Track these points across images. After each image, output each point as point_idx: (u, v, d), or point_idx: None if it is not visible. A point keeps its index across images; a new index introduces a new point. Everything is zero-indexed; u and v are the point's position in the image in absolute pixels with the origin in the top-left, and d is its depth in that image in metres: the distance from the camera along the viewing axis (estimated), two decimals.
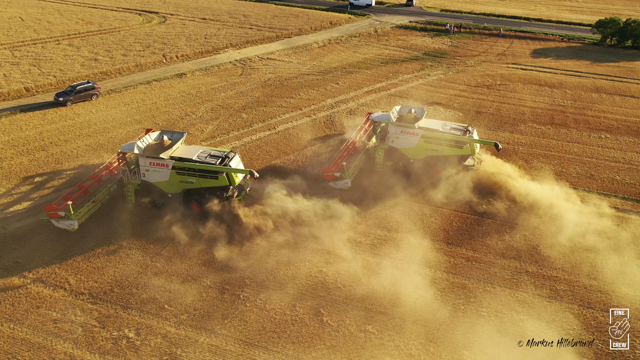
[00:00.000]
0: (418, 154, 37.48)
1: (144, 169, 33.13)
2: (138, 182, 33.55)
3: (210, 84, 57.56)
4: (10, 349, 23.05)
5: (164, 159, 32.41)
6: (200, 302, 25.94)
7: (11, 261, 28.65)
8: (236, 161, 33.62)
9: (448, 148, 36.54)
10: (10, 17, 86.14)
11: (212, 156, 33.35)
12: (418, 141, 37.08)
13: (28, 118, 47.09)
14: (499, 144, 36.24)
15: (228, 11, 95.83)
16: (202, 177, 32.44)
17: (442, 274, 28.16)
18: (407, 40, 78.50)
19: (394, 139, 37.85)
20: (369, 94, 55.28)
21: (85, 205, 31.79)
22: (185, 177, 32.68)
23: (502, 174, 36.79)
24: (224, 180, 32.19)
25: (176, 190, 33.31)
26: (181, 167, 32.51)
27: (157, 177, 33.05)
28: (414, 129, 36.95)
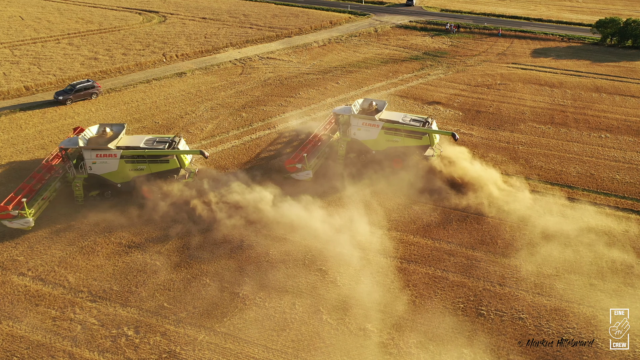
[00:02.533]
0: (379, 145, 38.36)
1: (90, 162, 33.34)
2: (85, 176, 33.64)
3: (210, 83, 57.51)
4: (9, 346, 23.02)
5: (111, 149, 32.90)
6: (199, 300, 25.89)
7: (9, 259, 28.62)
8: (182, 144, 35.08)
9: (407, 139, 37.56)
10: (10, 16, 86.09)
11: (159, 142, 34.63)
12: (379, 133, 37.95)
13: (28, 117, 47.06)
14: (456, 134, 37.29)
15: (228, 10, 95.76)
16: (153, 163, 33.57)
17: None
18: (407, 40, 78.47)
19: (356, 131, 38.67)
20: (368, 93, 55.23)
21: (36, 203, 31.51)
22: (135, 164, 33.48)
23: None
24: (174, 163, 33.90)
25: (126, 179, 33.93)
26: (130, 155, 33.30)
27: (105, 168, 33.44)
28: (375, 121, 37.81)
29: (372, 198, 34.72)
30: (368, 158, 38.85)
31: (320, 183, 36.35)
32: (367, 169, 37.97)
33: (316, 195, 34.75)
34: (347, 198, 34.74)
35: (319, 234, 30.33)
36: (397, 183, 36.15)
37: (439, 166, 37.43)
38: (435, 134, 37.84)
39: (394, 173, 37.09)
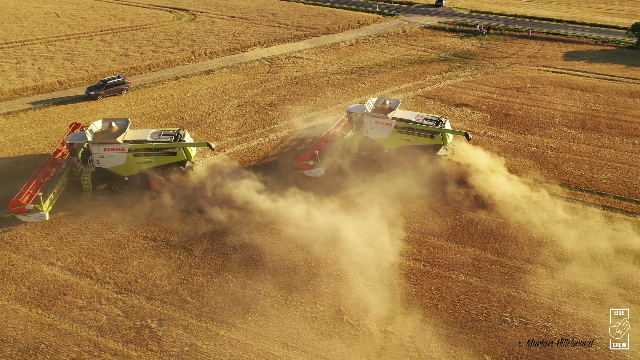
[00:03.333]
0: (392, 144, 38.41)
1: (97, 155, 33.86)
2: (92, 170, 34.12)
3: (237, 81, 58.02)
4: (38, 333, 23.63)
5: (120, 143, 33.48)
6: (221, 295, 26.13)
7: (40, 249, 29.39)
8: (188, 137, 35.95)
9: (420, 138, 37.64)
10: (46, 13, 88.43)
11: (165, 135, 35.48)
12: (391, 131, 37.97)
13: (60, 111, 48.27)
14: (469, 133, 37.06)
15: (257, 9, 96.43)
16: (161, 155, 34.25)
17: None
18: (435, 41, 77.72)
19: (369, 129, 38.84)
20: (395, 94, 54.91)
21: (49, 198, 31.94)
22: (142, 157, 34.16)
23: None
24: (181, 156, 34.82)
25: (133, 172, 34.57)
26: (138, 148, 33.94)
27: (113, 162, 34.00)
28: (388, 119, 37.85)
29: (389, 198, 34.45)
30: (380, 156, 38.93)
31: (335, 181, 36.43)
32: (380, 167, 37.93)
33: (332, 194, 34.94)
34: (362, 197, 34.65)
35: (341, 235, 30.23)
36: (415, 183, 35.87)
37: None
38: (448, 134, 37.82)
39: (412, 173, 36.90)
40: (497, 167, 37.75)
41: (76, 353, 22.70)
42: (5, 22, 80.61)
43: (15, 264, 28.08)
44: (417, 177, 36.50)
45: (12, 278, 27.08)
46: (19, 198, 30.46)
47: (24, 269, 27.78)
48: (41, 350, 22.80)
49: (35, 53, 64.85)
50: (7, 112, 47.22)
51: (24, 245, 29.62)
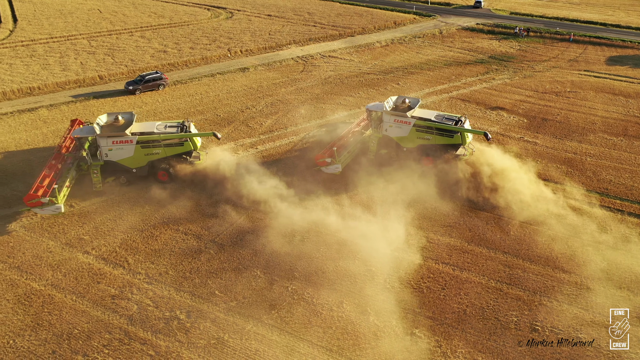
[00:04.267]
0: (410, 142, 38.41)
1: (106, 149, 34.35)
2: (101, 163, 34.61)
3: (272, 79, 58.44)
4: (72, 319, 24.38)
5: (127, 135, 34.06)
6: (249, 290, 26.38)
7: (76, 237, 30.30)
8: (193, 128, 36.66)
9: (439, 137, 37.46)
10: (89, 9, 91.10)
11: (171, 126, 36.14)
12: (410, 130, 37.93)
13: (100, 104, 49.66)
14: (488, 133, 36.53)
15: (293, 8, 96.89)
16: (168, 147, 35.14)
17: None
18: (472, 43, 76.46)
19: (388, 128, 38.81)
20: (430, 95, 54.30)
21: (62, 192, 32.25)
22: (150, 149, 34.77)
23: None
24: (188, 146, 35.52)
25: (141, 164, 35.17)
26: (146, 140, 34.55)
27: (121, 154, 34.57)
28: (407, 118, 37.84)
29: (414, 198, 34.12)
30: (399, 155, 38.89)
31: (355, 180, 36.46)
32: (400, 166, 37.69)
33: (354, 194, 35.00)
34: (385, 197, 34.50)
35: (369, 235, 30.09)
36: (443, 185, 35.43)
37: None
38: (467, 133, 37.50)
39: (437, 174, 36.48)
40: (530, 173, 36.85)
41: (107, 340, 23.31)
42: (52, 18, 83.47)
43: (53, 251, 29.04)
44: (444, 179, 36.05)
45: (50, 264, 28.02)
46: (35, 192, 30.63)
47: (61, 256, 28.70)
48: (74, 335, 23.50)
49: (78, 48, 66.90)
50: (50, 105, 48.89)
51: (61, 234, 30.60)
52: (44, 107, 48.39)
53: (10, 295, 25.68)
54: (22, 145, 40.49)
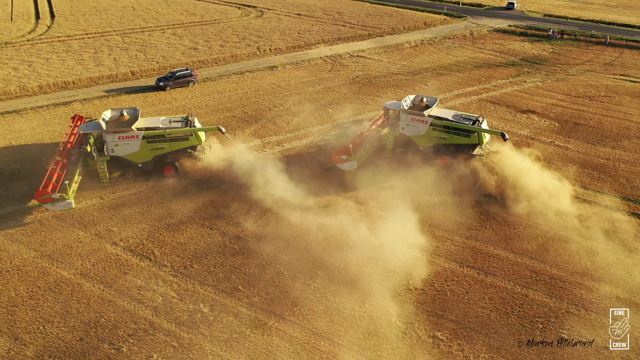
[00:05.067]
0: (427, 141, 38.43)
1: (112, 144, 34.67)
2: (107, 159, 34.94)
3: (300, 77, 58.65)
4: (99, 308, 24.95)
5: (134, 131, 34.43)
6: (272, 287, 26.54)
7: (105, 229, 30.99)
8: (197, 122, 37.20)
9: (456, 137, 37.41)
10: (124, 6, 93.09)
11: (176, 121, 36.70)
12: (427, 129, 37.94)
13: (131, 99, 50.67)
14: (505, 134, 36.33)
15: (323, 8, 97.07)
16: (173, 141, 35.66)
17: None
18: (504, 45, 75.25)
19: (405, 126, 38.86)
20: (458, 97, 53.66)
21: (71, 187, 32.50)
22: (156, 144, 35.19)
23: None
24: (194, 140, 36.00)
25: (147, 159, 35.60)
26: (152, 135, 34.96)
27: (127, 149, 34.94)
28: (424, 117, 37.88)
29: (436, 200, 33.86)
30: (415, 154, 38.90)
31: (372, 177, 36.53)
32: (417, 165, 37.70)
33: (375, 192, 35.01)
34: (407, 197, 34.39)
35: (392, 236, 29.92)
36: (466, 186, 35.21)
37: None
38: (484, 133, 37.26)
39: (460, 175, 36.29)
40: (561, 178, 36.07)
41: (132, 330, 23.77)
42: (87, 14, 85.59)
43: (83, 241, 29.76)
44: (470, 180, 35.67)
45: (79, 254, 28.73)
46: (45, 188, 30.79)
47: (90, 246, 29.40)
48: (101, 324, 24.04)
49: (112, 44, 68.41)
50: (84, 99, 50.13)
51: (91, 224, 31.35)
52: (78, 101, 49.65)
53: (41, 283, 26.43)
54: (57, 138, 41.58)
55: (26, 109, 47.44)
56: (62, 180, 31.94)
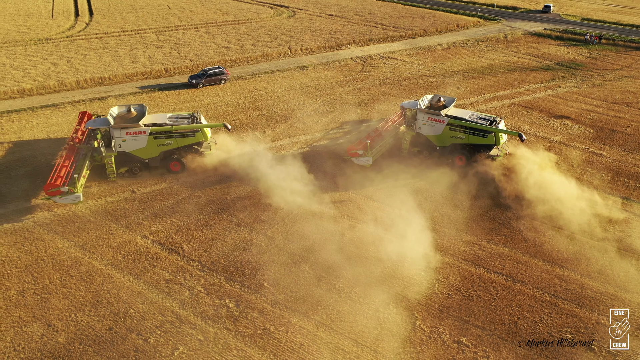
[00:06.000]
0: (443, 141, 38.64)
1: (119, 140, 35.16)
2: (115, 154, 35.36)
3: (330, 78, 58.76)
4: (128, 299, 25.55)
5: (141, 127, 34.88)
6: (297, 285, 26.69)
7: (136, 221, 31.70)
8: (203, 119, 37.76)
9: (472, 137, 37.45)
10: (159, 5, 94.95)
11: (182, 117, 37.42)
12: (444, 128, 38.13)
13: (164, 96, 51.67)
14: (522, 134, 36.22)
15: (355, 9, 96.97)
16: (180, 137, 36.16)
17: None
18: (539, 49, 73.76)
19: (421, 126, 39.16)
20: (490, 100, 52.89)
21: (79, 181, 32.75)
22: (163, 140, 35.69)
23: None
24: (200, 137, 36.57)
25: (154, 154, 36.09)
26: (159, 131, 35.42)
27: (134, 145, 35.52)
28: (441, 117, 38.15)
29: (460, 203, 33.41)
30: (432, 153, 39.21)
31: (399, 178, 36.69)
32: (440, 165, 37.88)
33: (398, 192, 34.91)
34: (429, 199, 34.22)
35: (419, 238, 29.74)
36: (493, 191, 34.67)
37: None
38: (502, 134, 37.17)
39: (487, 180, 36.08)
40: (595, 186, 35.20)
41: (160, 322, 24.25)
42: (124, 12, 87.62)
43: (114, 234, 30.52)
44: (497, 185, 35.16)
45: (110, 246, 29.47)
46: (53, 181, 31.26)
47: (121, 238, 30.11)
48: (130, 314, 24.61)
49: (147, 41, 69.87)
50: (119, 94, 51.36)
51: (122, 217, 32.11)
52: (113, 96, 50.89)
53: (74, 272, 27.22)
54: None
55: (64, 103, 48.90)
56: (71, 174, 32.55)
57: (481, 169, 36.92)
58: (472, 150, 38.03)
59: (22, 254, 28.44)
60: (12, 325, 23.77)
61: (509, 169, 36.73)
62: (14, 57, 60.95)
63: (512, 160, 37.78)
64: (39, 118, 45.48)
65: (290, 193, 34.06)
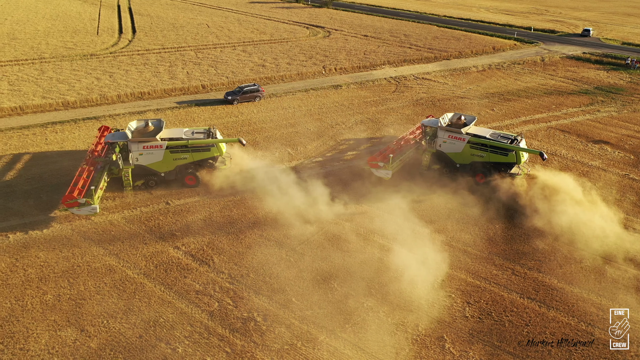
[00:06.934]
0: (464, 159, 38.75)
1: (137, 153, 35.77)
2: (132, 167, 35.97)
3: (363, 97, 59.08)
4: (159, 308, 25.93)
5: (157, 140, 35.56)
6: (325, 302, 26.58)
7: (169, 232, 32.30)
8: (218, 134, 38.31)
9: (493, 155, 37.65)
10: (199, 24, 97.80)
11: (198, 132, 38.09)
12: (464, 146, 38.32)
13: (200, 111, 52.91)
14: (544, 153, 36.88)
15: (390, 30, 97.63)
16: (196, 152, 36.81)
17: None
18: (577, 72, 72.50)
19: (442, 143, 39.35)
20: (525, 123, 52.10)
21: (97, 193, 33.26)
22: (179, 154, 36.29)
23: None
24: (215, 151, 37.08)
25: (170, 168, 36.85)
26: (175, 145, 36.03)
27: (151, 159, 36.12)
28: (461, 134, 38.32)
29: (502, 225, 32.68)
30: (452, 171, 39.23)
31: (416, 194, 37.00)
32: (465, 185, 37.72)
33: (432, 213, 34.31)
34: (464, 219, 33.52)
35: (450, 261, 29.34)
36: (530, 214, 33.78)
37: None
38: (523, 152, 37.08)
39: (520, 204, 35.64)
40: (634, 213, 34.09)
41: (188, 332, 24.50)
42: (165, 30, 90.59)
43: (148, 243, 31.15)
44: (530, 210, 34.31)
45: (144, 255, 30.08)
46: (71, 193, 31.81)
47: (154, 248, 30.71)
48: (160, 323, 24.95)
49: (186, 58, 71.91)
50: (157, 109, 52.87)
51: (156, 228, 32.77)
52: (152, 110, 52.40)
53: (107, 279, 27.86)
54: None
55: (105, 116, 50.63)
56: (88, 186, 33.26)
57: (517, 191, 36.43)
58: (492, 168, 38.05)
59: (59, 259, 29.32)
60: (48, 328, 24.42)
61: (546, 197, 35.71)
62: (60, 71, 63.65)
63: (549, 190, 36.64)
64: (81, 130, 47.18)
65: (319, 210, 34.17)
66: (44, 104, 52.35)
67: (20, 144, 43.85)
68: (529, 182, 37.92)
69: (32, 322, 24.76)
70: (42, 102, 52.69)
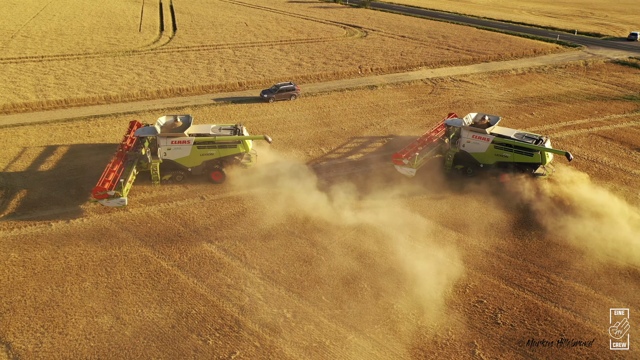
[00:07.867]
0: (488, 159, 38.58)
1: (165, 148, 36.41)
2: (160, 162, 36.51)
3: (399, 98, 58.71)
4: (192, 300, 26.50)
5: (185, 136, 36.07)
6: (355, 301, 26.61)
7: (203, 227, 32.92)
8: (245, 131, 38.63)
9: (518, 155, 37.37)
10: (237, 22, 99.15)
11: (225, 129, 38.45)
12: (488, 146, 38.13)
13: (237, 108, 53.64)
14: (570, 153, 36.55)
15: (428, 31, 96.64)
16: (222, 148, 37.33)
17: None
18: (622, 77, 70.07)
19: (465, 143, 39.20)
20: (566, 129, 50.72)
21: (125, 186, 33.84)
22: (206, 149, 36.75)
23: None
24: (241, 148, 37.52)
25: (197, 163, 37.44)
26: (202, 141, 36.43)
27: (179, 154, 36.79)
28: (485, 134, 38.16)
29: (543, 235, 31.92)
30: (475, 171, 39.08)
31: (446, 198, 36.84)
32: (497, 190, 37.34)
33: (461, 219, 33.53)
34: (496, 223, 32.72)
35: (481, 264, 28.85)
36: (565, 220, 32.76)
37: None
38: (548, 153, 36.61)
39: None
40: None
41: (219, 325, 24.94)
42: (204, 28, 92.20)
43: (182, 236, 31.84)
44: (567, 217, 33.34)
45: (178, 248, 30.76)
46: (102, 185, 32.49)
47: (188, 241, 31.37)
48: (192, 315, 25.50)
49: (224, 56, 73.04)
50: (195, 105, 53.92)
51: (191, 222, 33.45)
52: (189, 107, 53.48)
53: (143, 270, 28.63)
54: None
55: (144, 110, 51.95)
56: (118, 179, 34.07)
57: (560, 199, 35.76)
58: (517, 168, 37.67)
59: (98, 249, 30.31)
60: (85, 314, 25.28)
61: (594, 215, 34.53)
62: (103, 67, 65.64)
63: (592, 202, 35.54)
64: (122, 123, 48.54)
65: (352, 210, 34.19)
66: (87, 98, 54.15)
67: (64, 135, 45.50)
68: (569, 192, 36.81)
69: (71, 307, 25.69)
70: (86, 96, 54.51)
